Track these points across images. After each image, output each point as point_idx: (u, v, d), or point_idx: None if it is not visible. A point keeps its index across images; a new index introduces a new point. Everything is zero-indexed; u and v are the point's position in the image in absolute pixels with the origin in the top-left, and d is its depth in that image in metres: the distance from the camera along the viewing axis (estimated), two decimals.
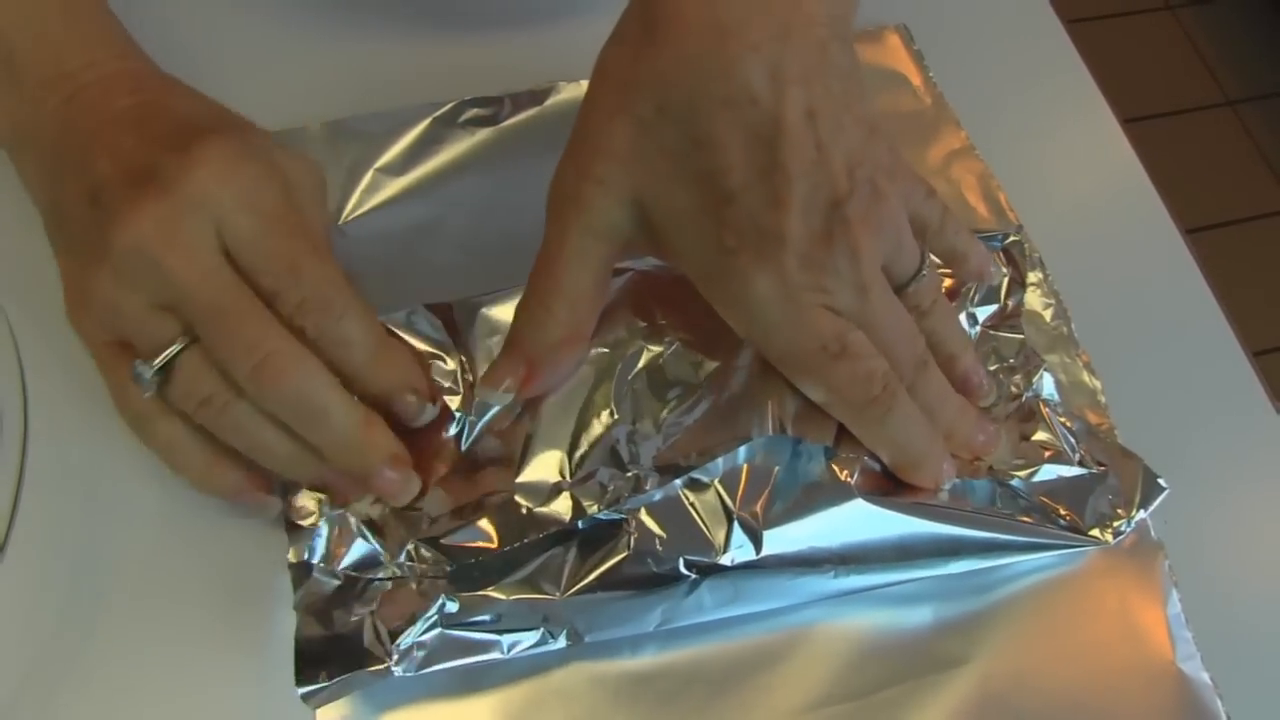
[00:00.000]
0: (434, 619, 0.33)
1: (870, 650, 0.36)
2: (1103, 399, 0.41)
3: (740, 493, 0.35)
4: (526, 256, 0.37)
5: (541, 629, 0.34)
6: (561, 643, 0.34)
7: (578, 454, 0.35)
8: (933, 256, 0.38)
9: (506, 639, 0.34)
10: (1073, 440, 0.38)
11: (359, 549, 0.35)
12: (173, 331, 0.34)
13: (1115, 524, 0.37)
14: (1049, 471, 0.38)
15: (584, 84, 0.46)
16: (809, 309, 0.33)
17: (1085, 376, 0.42)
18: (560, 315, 0.35)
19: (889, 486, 0.36)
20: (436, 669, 0.34)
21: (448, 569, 0.34)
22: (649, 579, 0.34)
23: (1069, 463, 0.38)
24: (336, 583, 0.34)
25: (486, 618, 0.34)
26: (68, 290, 0.37)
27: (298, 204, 0.36)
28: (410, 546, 0.35)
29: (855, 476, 0.35)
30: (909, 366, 0.35)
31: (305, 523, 0.35)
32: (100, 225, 0.34)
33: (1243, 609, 0.39)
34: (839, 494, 0.35)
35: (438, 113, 0.46)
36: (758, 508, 0.34)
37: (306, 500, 0.36)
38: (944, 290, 0.40)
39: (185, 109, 0.37)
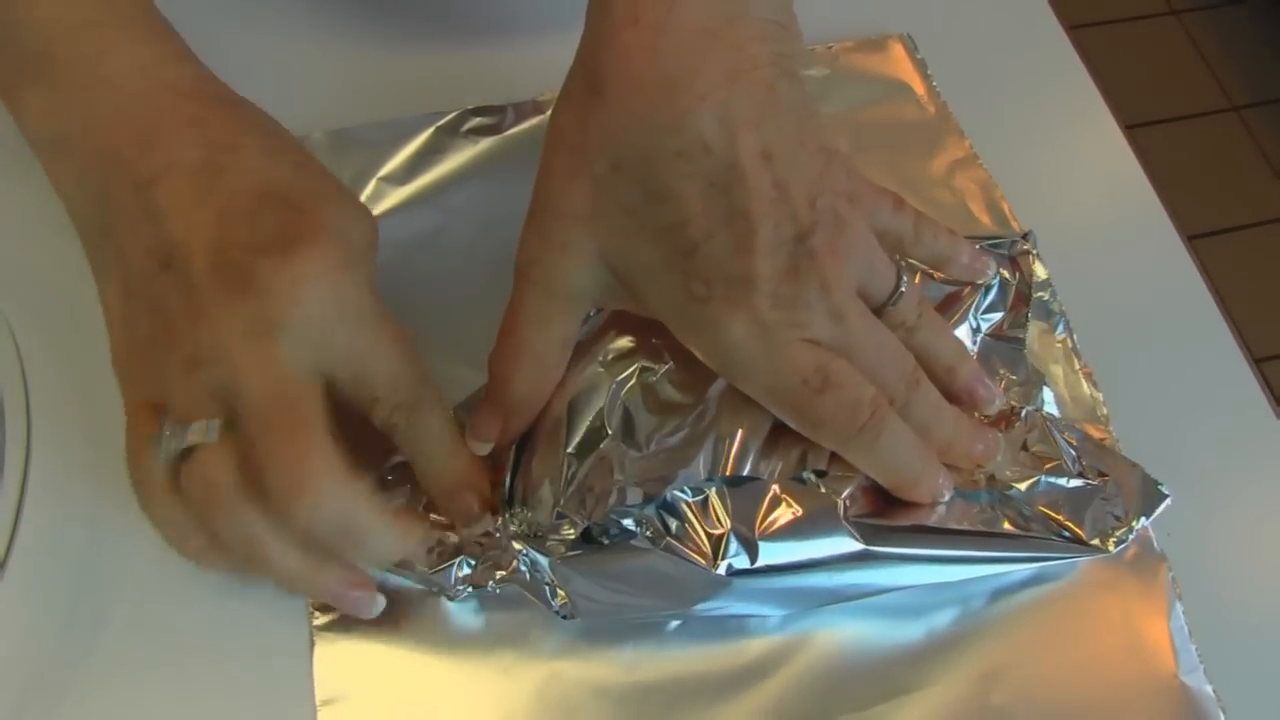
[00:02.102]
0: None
1: (869, 662, 0.36)
2: (1104, 411, 0.41)
3: (730, 510, 0.35)
4: None
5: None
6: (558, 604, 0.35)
7: (569, 470, 0.36)
8: (920, 267, 0.38)
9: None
10: (1073, 452, 0.38)
11: None
12: (219, 414, 0.33)
13: (1117, 532, 0.37)
14: (1049, 482, 0.38)
15: None
16: (786, 346, 0.33)
17: (1086, 388, 0.42)
18: (527, 373, 0.36)
19: (881, 506, 0.36)
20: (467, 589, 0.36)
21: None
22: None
23: (1069, 473, 0.38)
24: None
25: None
26: (119, 336, 0.36)
27: (375, 287, 0.35)
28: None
29: (847, 497, 0.35)
30: (899, 386, 0.35)
31: None
32: (177, 299, 0.33)
33: (1247, 621, 0.39)
34: (830, 525, 0.35)
35: (441, 122, 0.46)
36: (755, 525, 0.35)
37: None
38: (946, 298, 0.40)
39: (262, 170, 0.35)
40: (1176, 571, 0.38)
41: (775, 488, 0.35)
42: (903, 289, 0.36)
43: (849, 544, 0.35)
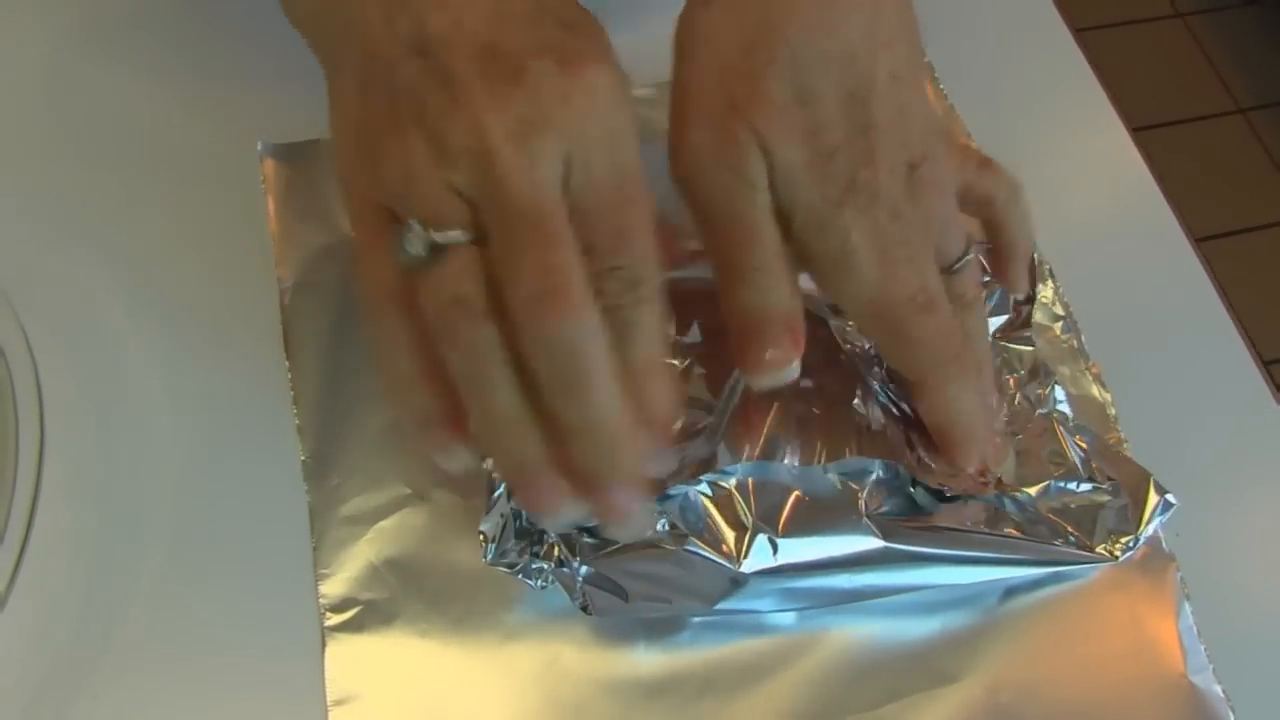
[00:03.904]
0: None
1: (879, 662, 0.36)
2: (1113, 411, 0.41)
3: (753, 505, 0.35)
4: None
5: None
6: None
7: None
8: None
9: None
10: (1083, 455, 0.38)
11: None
12: (462, 218, 0.30)
13: (1124, 539, 0.37)
14: (1058, 487, 0.38)
15: None
16: (899, 262, 0.33)
17: (1095, 390, 0.42)
18: (784, 273, 0.34)
19: (900, 505, 0.36)
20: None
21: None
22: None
23: (1079, 478, 0.38)
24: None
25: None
26: (350, 134, 0.33)
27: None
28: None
29: (867, 494, 0.35)
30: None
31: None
32: (430, 85, 0.31)
33: (1255, 621, 0.39)
34: (851, 521, 0.35)
35: None
36: (778, 521, 0.35)
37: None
38: None
39: None
40: (1185, 572, 0.38)
41: (797, 491, 0.35)
42: (969, 255, 0.36)
43: (869, 541, 0.35)
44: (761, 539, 0.34)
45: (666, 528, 0.34)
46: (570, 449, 0.30)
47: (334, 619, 0.36)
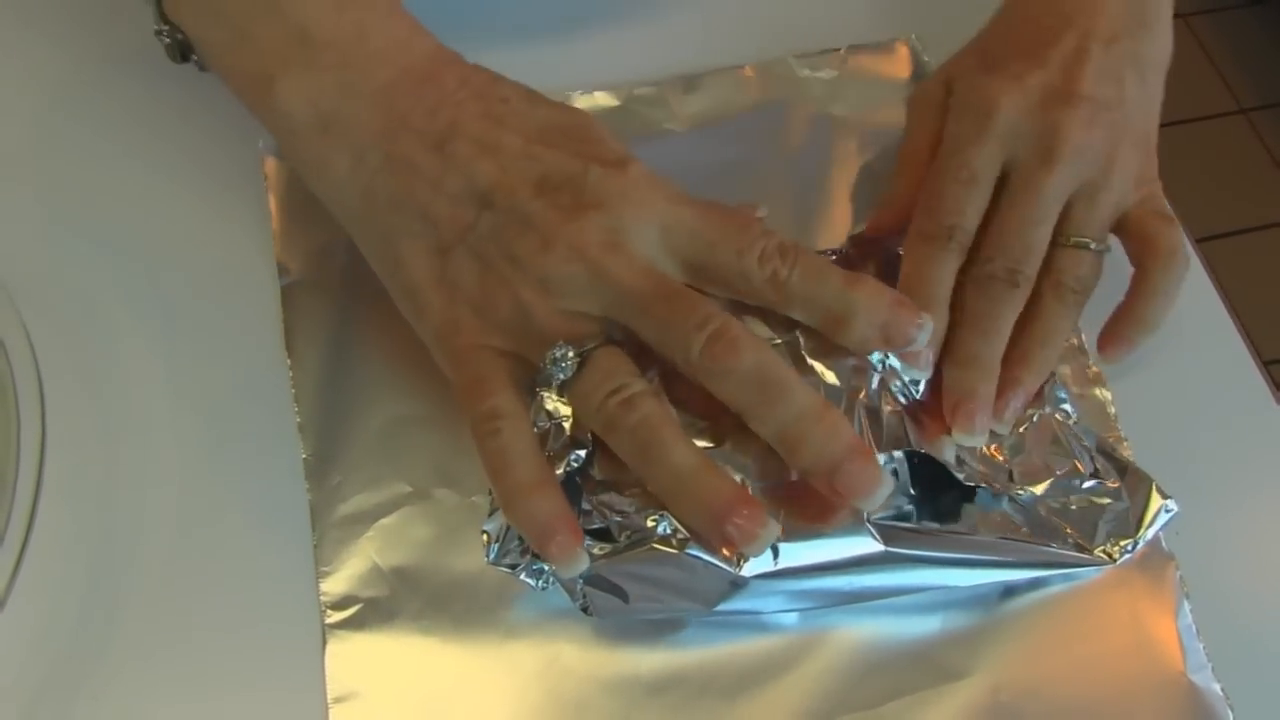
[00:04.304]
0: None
1: (880, 660, 0.36)
2: (1113, 410, 0.41)
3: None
4: None
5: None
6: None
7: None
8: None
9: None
10: (1088, 458, 0.39)
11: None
12: (587, 330, 0.34)
13: (1123, 542, 0.38)
14: (1060, 485, 0.38)
15: (596, 95, 0.47)
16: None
17: (1096, 390, 0.42)
18: (902, 173, 0.44)
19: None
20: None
21: None
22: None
23: (1081, 477, 0.38)
24: None
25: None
26: (439, 297, 0.36)
27: None
28: None
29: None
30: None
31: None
32: (513, 233, 0.34)
33: (1254, 620, 0.39)
34: (851, 526, 0.35)
35: None
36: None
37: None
38: None
39: (534, 114, 0.37)
40: (1184, 571, 0.38)
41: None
42: (1093, 245, 0.40)
43: (870, 545, 0.35)
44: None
45: (668, 530, 0.34)
46: (792, 451, 0.33)
47: (335, 616, 0.37)
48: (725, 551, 0.34)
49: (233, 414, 0.41)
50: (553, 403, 0.35)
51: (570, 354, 0.34)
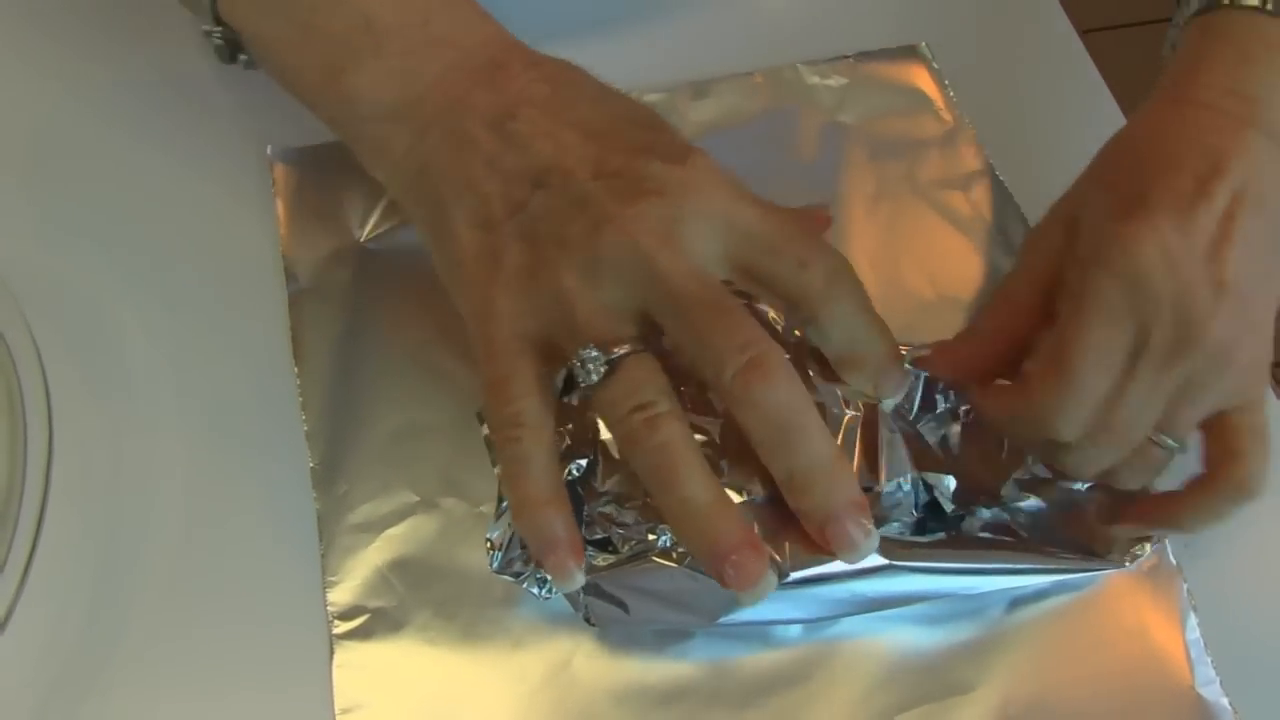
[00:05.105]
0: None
1: (888, 674, 0.36)
2: None
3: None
4: None
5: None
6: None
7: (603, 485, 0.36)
8: None
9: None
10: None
11: None
12: (628, 332, 0.33)
13: (1132, 549, 0.38)
14: (1068, 490, 0.38)
15: None
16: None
17: None
18: (998, 308, 0.37)
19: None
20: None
21: None
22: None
23: (1086, 482, 0.38)
24: None
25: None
26: (480, 272, 0.35)
27: None
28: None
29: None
30: None
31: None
32: (564, 214, 0.33)
33: (1262, 633, 0.38)
34: None
35: None
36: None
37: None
38: None
39: (605, 99, 0.37)
40: (1191, 583, 0.38)
41: None
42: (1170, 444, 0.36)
43: (873, 558, 0.35)
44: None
45: (669, 544, 0.34)
46: (796, 495, 0.32)
47: (342, 626, 0.36)
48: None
49: (240, 421, 0.41)
50: None
51: (600, 358, 0.32)
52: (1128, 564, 0.38)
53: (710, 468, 0.32)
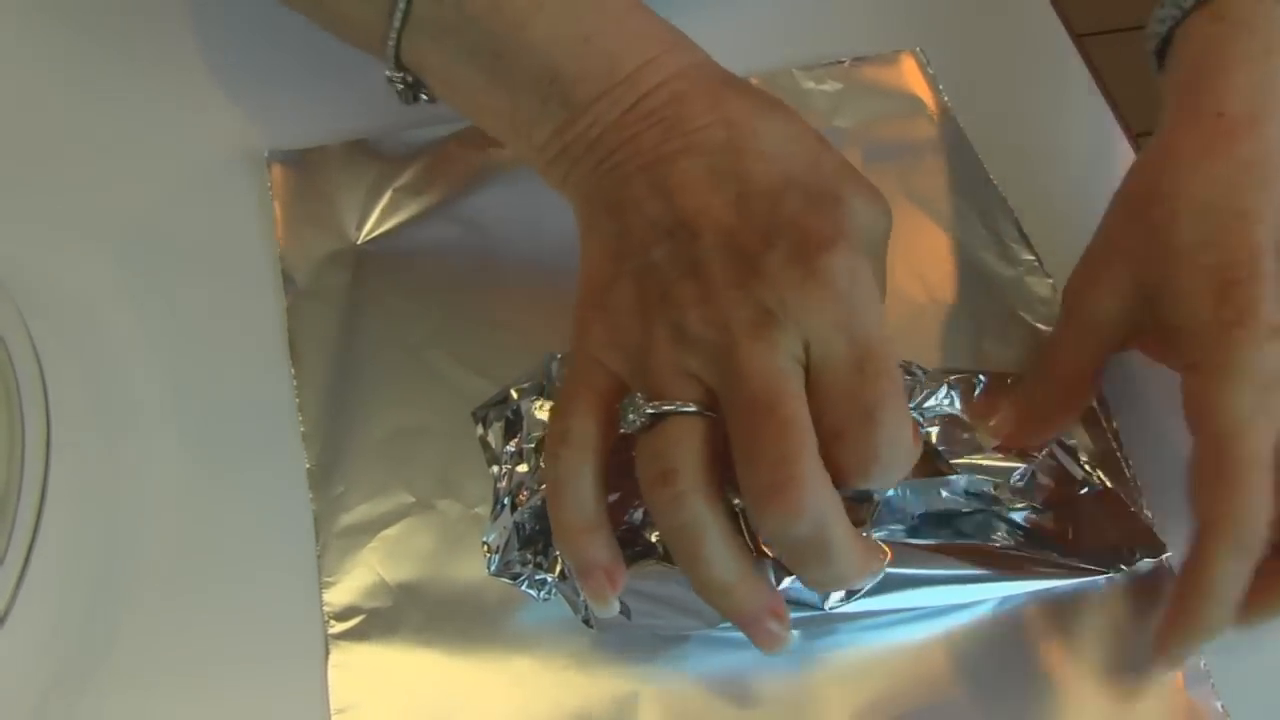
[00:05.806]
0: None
1: (886, 676, 0.37)
2: (1115, 425, 0.41)
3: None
4: (545, 274, 0.36)
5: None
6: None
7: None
8: None
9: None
10: (1080, 470, 0.39)
11: None
12: (692, 395, 0.32)
13: (1137, 565, 0.38)
14: (1064, 497, 0.38)
15: None
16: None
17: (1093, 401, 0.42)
18: (1055, 392, 0.40)
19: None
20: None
21: None
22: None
23: (1077, 487, 0.39)
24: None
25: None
26: (595, 293, 0.35)
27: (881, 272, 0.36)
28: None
29: (871, 522, 0.35)
30: None
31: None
32: (676, 269, 0.33)
33: (1253, 636, 0.39)
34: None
35: (456, 130, 0.46)
36: None
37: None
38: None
39: (782, 157, 0.35)
40: None
41: None
42: None
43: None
44: (763, 565, 0.34)
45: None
46: (804, 578, 0.33)
47: (337, 627, 0.37)
48: None
49: (236, 423, 0.41)
50: (544, 413, 0.35)
51: (645, 407, 0.32)
52: (1123, 569, 0.38)
53: (736, 532, 0.32)
